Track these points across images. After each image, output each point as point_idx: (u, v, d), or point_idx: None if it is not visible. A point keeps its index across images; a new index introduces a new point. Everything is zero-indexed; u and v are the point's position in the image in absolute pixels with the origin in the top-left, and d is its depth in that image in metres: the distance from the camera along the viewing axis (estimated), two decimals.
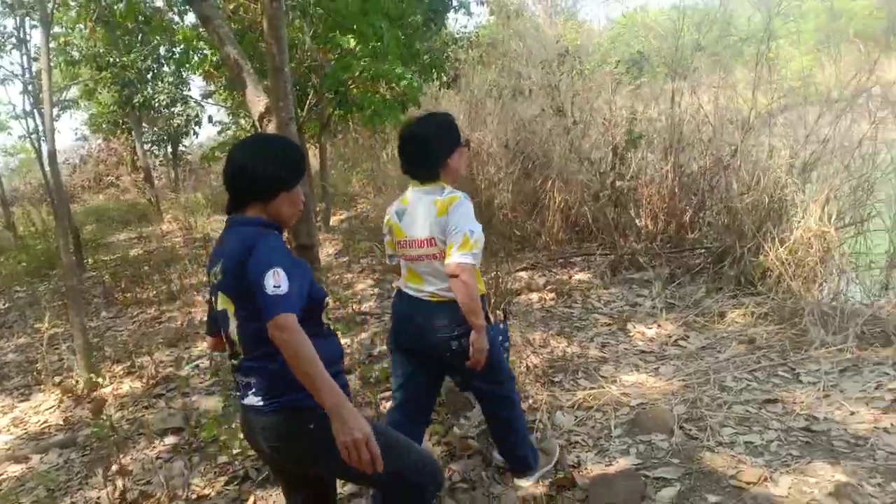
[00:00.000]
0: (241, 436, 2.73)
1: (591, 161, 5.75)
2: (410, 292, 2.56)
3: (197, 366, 4.64)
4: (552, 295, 5.09)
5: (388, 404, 3.15)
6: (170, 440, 3.56)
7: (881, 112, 4.90)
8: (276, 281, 1.73)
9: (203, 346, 5.00)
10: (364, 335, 4.77)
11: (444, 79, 9.38)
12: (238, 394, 1.97)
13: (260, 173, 1.91)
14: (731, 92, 5.89)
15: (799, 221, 4.71)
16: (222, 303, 1.90)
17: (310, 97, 8.22)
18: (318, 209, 10.05)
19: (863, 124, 4.91)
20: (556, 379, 3.72)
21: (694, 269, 5.17)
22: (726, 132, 5.66)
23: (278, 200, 1.94)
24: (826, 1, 24.73)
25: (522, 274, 5.73)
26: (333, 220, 10.48)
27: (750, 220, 4.90)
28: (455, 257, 2.31)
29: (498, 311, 4.45)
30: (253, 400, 1.88)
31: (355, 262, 7.33)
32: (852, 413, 3.02)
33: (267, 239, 1.85)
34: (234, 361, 1.93)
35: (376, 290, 5.99)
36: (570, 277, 5.47)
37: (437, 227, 2.40)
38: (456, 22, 12.95)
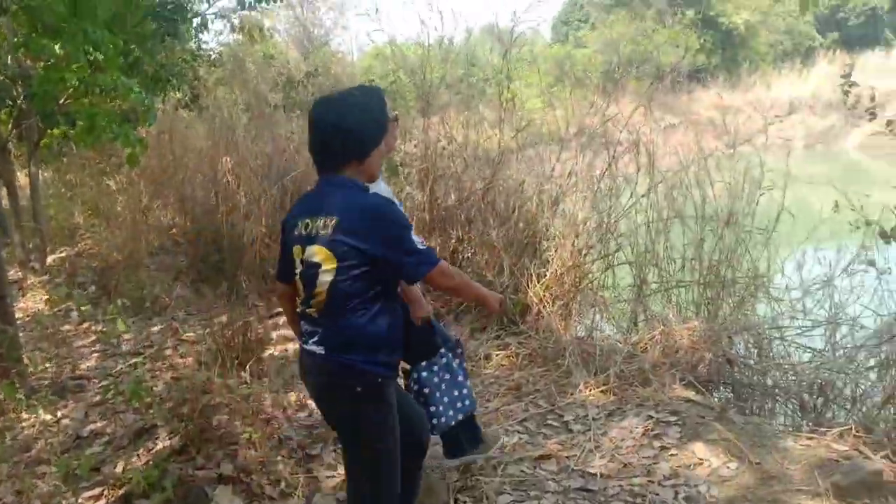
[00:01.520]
0: None
1: None
2: None
3: None
4: None
5: None
6: None
7: (617, 149, 5.17)
8: (418, 238, 1.99)
9: None
10: (73, 407, 3.87)
11: (180, 96, 8.43)
12: (304, 338, 2.10)
13: (356, 134, 2.02)
14: (480, 127, 5.94)
15: (552, 256, 4.77)
16: (317, 255, 1.97)
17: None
18: (29, 246, 8.46)
19: (597, 160, 5.14)
20: (314, 452, 3.22)
21: (459, 308, 5.00)
22: (478, 165, 5.65)
23: (373, 157, 2.07)
24: (552, 48, 27.35)
25: (278, 320, 5.13)
26: (51, 259, 8.87)
27: (507, 256, 4.85)
28: None
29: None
30: (315, 348, 2.03)
31: (75, 309, 6.14)
32: (625, 465, 2.94)
33: (387, 203, 2.03)
34: (309, 308, 2.03)
35: (98, 347, 5.01)
36: None
37: None
38: (197, 37, 11.93)
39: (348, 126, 2.00)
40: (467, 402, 2.85)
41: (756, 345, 4.06)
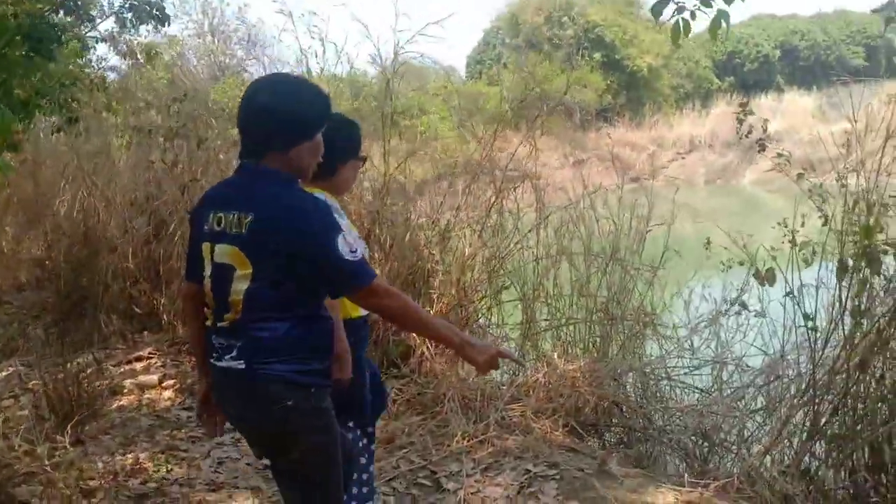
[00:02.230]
0: None
1: None
2: None
3: None
4: (170, 393, 4.12)
5: None
6: None
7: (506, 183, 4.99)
8: (349, 246, 1.70)
9: None
10: None
11: (54, 120, 7.81)
12: (214, 355, 1.83)
13: (279, 116, 1.77)
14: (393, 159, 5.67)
15: (437, 294, 4.51)
16: (230, 258, 1.75)
17: None
18: None
19: (488, 192, 4.95)
20: None
21: None
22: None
23: (301, 149, 1.81)
24: (466, 84, 27.65)
25: (137, 365, 4.64)
26: None
27: None
28: None
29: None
30: (233, 363, 1.77)
31: None
32: None
33: (310, 198, 1.78)
34: (222, 321, 1.78)
35: None
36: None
37: None
38: (84, 58, 11.20)
39: (273, 107, 1.76)
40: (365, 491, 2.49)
41: (643, 386, 3.91)
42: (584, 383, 3.66)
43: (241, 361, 1.76)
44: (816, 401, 2.92)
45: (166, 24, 8.31)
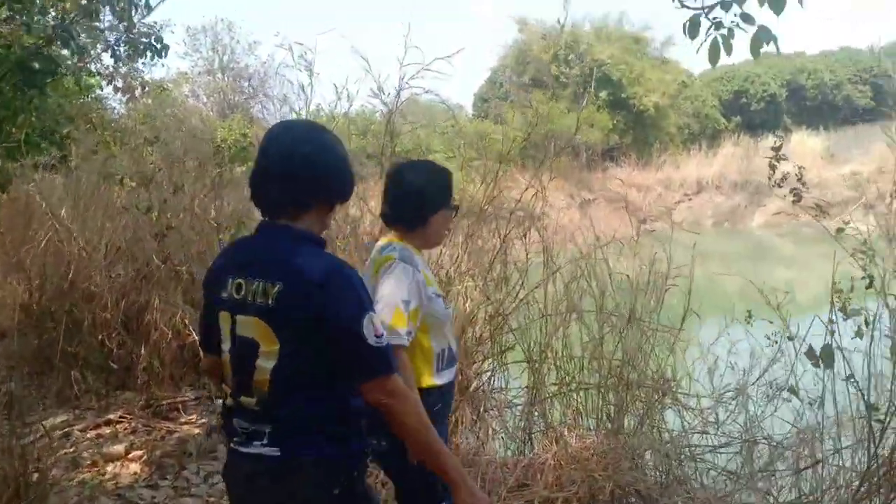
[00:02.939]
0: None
1: (192, 279, 4.57)
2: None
3: None
4: (136, 467, 3.71)
5: None
6: None
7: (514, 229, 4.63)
8: (376, 329, 1.52)
9: None
10: None
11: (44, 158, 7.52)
12: (235, 440, 1.62)
13: (331, 176, 1.63)
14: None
15: None
16: (254, 331, 1.54)
17: None
18: None
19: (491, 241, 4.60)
20: None
21: None
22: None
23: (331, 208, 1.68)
24: (473, 123, 27.60)
25: (106, 430, 4.24)
26: None
27: None
28: None
29: None
30: (263, 450, 1.56)
31: None
32: None
33: (345, 269, 1.57)
34: (245, 399, 1.57)
35: None
36: (169, 435, 4.12)
37: None
38: (87, 95, 10.99)
39: (310, 159, 1.58)
40: None
41: (664, 468, 3.48)
42: (597, 465, 3.25)
43: (276, 448, 1.56)
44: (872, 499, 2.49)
45: (164, 55, 8.02)
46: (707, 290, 4.15)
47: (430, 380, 2.13)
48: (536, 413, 4.15)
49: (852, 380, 2.79)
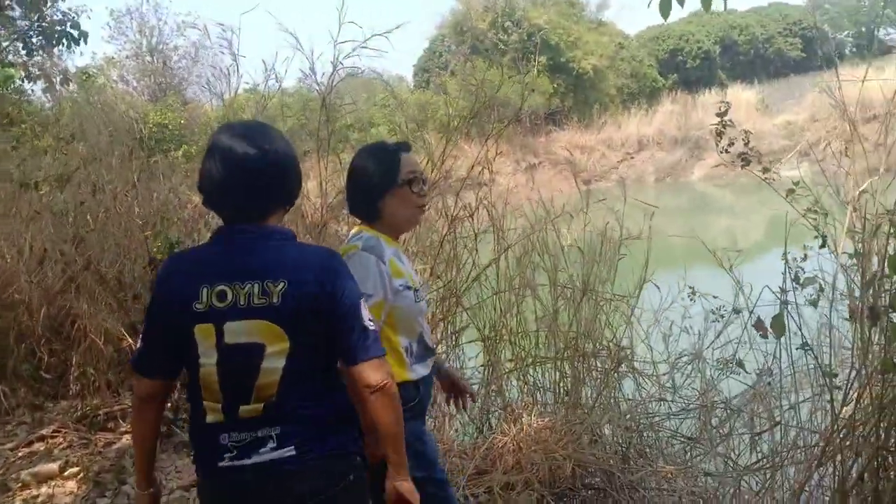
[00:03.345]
0: None
1: (119, 282, 4.28)
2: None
3: None
4: (72, 485, 3.47)
5: None
6: None
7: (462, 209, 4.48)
8: (368, 313, 1.59)
9: None
10: None
11: None
12: (230, 454, 1.55)
13: (285, 167, 1.64)
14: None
15: None
16: (257, 334, 1.52)
17: None
18: None
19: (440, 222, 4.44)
20: None
21: None
22: None
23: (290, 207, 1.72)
24: (414, 94, 27.22)
25: (39, 446, 3.98)
26: None
27: None
28: None
29: None
30: (273, 454, 1.55)
31: None
32: None
33: (337, 255, 1.68)
34: (243, 411, 1.54)
35: None
36: (108, 447, 3.89)
37: None
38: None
39: (277, 158, 1.61)
40: None
41: (624, 440, 3.43)
42: (557, 444, 3.17)
43: (290, 448, 1.57)
44: (838, 460, 2.46)
45: (81, 42, 7.58)
46: (657, 249, 4.07)
47: (404, 374, 2.01)
48: (494, 391, 4.07)
49: (806, 346, 2.74)
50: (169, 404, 4.02)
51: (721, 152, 3.12)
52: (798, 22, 31.96)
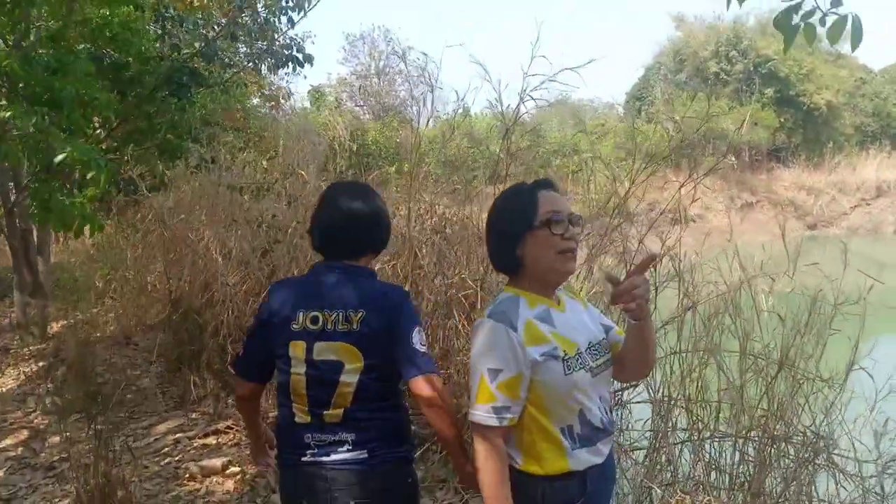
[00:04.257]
0: None
1: None
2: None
3: None
4: (231, 484, 3.63)
5: None
6: None
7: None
8: (422, 339, 1.88)
9: None
10: None
11: (191, 162, 7.91)
12: (310, 452, 1.88)
13: (378, 219, 2.01)
14: None
15: None
16: (339, 354, 1.86)
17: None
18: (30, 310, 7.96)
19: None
20: None
21: None
22: None
23: (378, 252, 2.10)
24: (624, 122, 26.56)
25: (212, 440, 4.25)
26: (55, 326, 8.25)
27: None
28: None
29: None
30: (348, 455, 1.86)
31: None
32: None
33: (401, 293, 1.97)
34: (324, 416, 1.87)
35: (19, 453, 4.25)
36: (270, 451, 4.04)
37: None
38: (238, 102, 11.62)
39: (373, 211, 1.99)
40: None
41: None
42: None
43: (363, 451, 1.87)
44: None
45: (306, 65, 8.23)
46: (884, 318, 3.43)
47: (563, 463, 1.71)
48: (663, 459, 3.65)
49: None
50: None
51: None
52: None
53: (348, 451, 1.85)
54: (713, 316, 3.62)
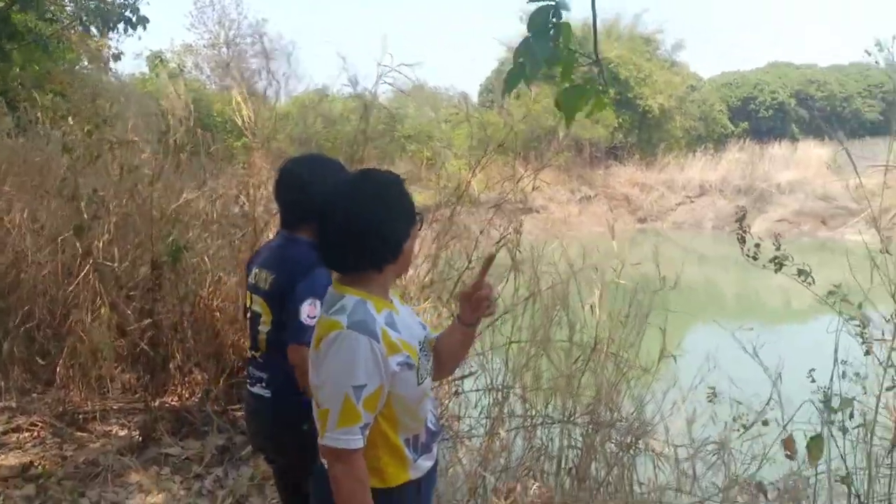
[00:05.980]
0: None
1: (118, 279, 4.09)
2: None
3: None
4: (31, 489, 3.25)
5: None
6: None
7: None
8: (310, 311, 2.02)
9: None
10: None
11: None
12: (248, 381, 2.29)
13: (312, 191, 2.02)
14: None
15: None
16: (258, 306, 2.22)
17: None
18: None
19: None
20: None
21: None
22: None
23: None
24: (477, 112, 27.11)
25: (14, 437, 3.79)
26: None
27: None
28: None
29: None
30: (262, 391, 2.22)
31: None
32: None
33: (312, 264, 2.00)
34: (255, 353, 2.26)
35: None
36: (80, 449, 3.66)
37: None
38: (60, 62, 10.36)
39: (309, 184, 2.09)
40: None
41: None
42: None
43: (269, 391, 2.21)
44: None
45: (138, 28, 7.56)
46: (702, 302, 3.70)
47: (404, 474, 1.66)
48: (498, 445, 3.72)
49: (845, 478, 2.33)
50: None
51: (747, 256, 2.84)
52: (879, 84, 30.70)
53: (262, 387, 2.21)
54: (549, 308, 3.72)
